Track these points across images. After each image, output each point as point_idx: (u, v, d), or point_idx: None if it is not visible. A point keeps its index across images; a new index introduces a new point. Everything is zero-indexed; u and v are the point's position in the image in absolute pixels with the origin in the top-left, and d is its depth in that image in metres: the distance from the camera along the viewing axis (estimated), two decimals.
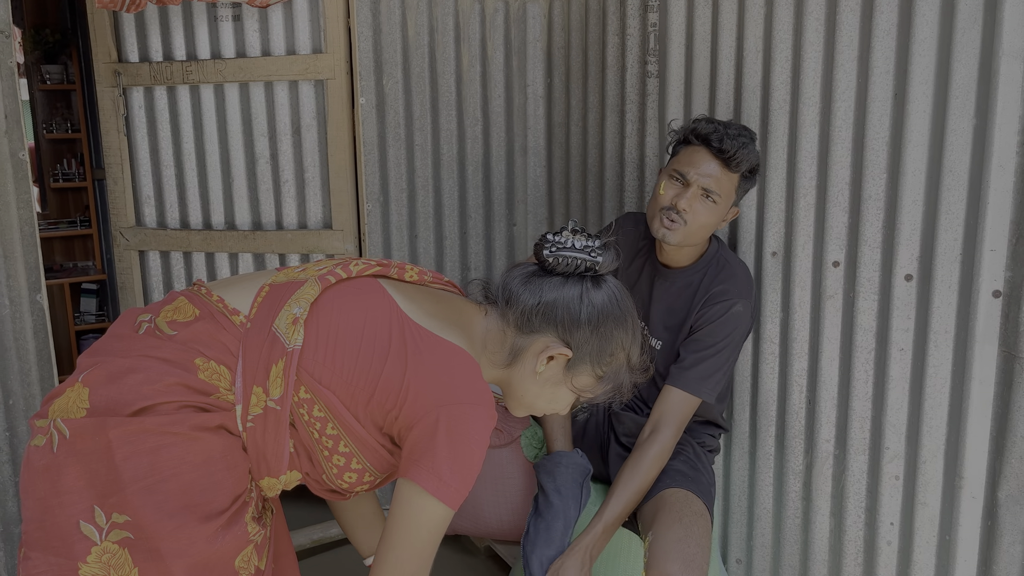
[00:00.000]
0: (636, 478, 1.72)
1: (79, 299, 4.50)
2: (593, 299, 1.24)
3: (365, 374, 1.17)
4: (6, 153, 1.90)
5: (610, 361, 1.28)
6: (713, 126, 1.74)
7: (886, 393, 1.71)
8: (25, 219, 1.94)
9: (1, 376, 1.95)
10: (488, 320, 1.29)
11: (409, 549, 1.16)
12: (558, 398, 1.31)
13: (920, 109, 1.59)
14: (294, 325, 1.16)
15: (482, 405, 1.17)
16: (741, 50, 1.92)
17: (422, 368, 1.16)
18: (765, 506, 2.01)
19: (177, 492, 1.09)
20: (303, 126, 2.42)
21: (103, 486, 1.08)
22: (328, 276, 1.24)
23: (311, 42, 2.38)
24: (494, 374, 1.29)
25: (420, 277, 1.36)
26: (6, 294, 1.94)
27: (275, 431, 1.17)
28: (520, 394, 1.30)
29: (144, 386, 1.11)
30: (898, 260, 1.66)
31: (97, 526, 1.07)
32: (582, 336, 1.24)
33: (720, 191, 1.73)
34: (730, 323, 1.78)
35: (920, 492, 1.68)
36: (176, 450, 1.10)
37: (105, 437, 1.08)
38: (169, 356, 1.14)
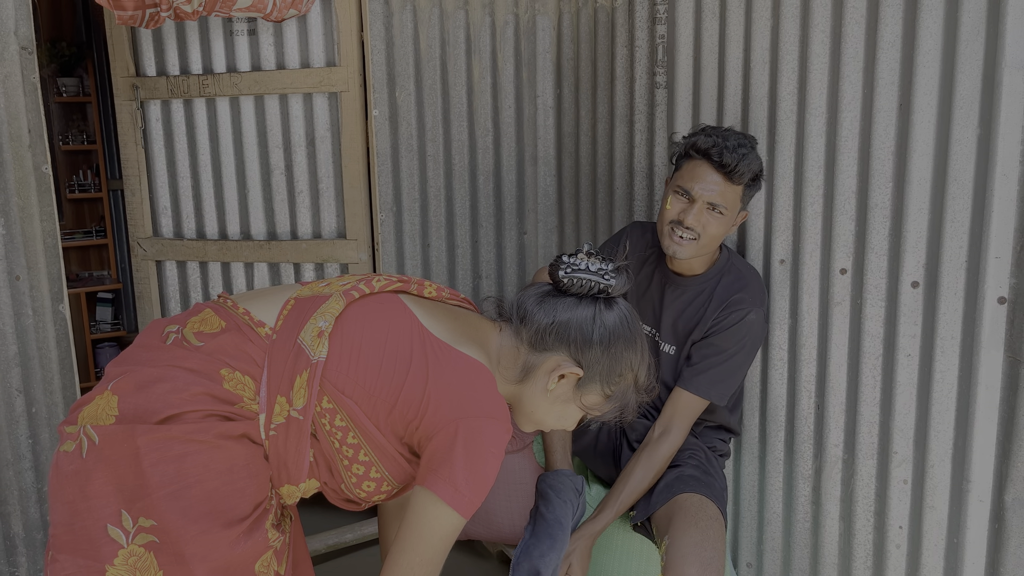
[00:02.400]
0: (648, 475, 1.79)
1: (95, 308, 4.55)
2: (605, 321, 1.28)
3: (387, 385, 1.21)
4: (30, 167, 1.95)
5: (619, 381, 1.32)
6: (712, 139, 1.75)
7: (894, 398, 1.74)
8: (48, 231, 1.99)
9: (25, 385, 2.00)
10: (503, 337, 1.33)
11: (420, 555, 1.19)
12: (566, 415, 1.35)
13: (925, 119, 1.62)
14: (319, 338, 1.20)
15: (499, 419, 1.21)
16: (748, 61, 1.95)
17: (443, 381, 1.20)
18: (775, 510, 2.04)
19: (201, 498, 1.13)
20: (317, 138, 2.46)
21: (130, 491, 1.11)
22: (352, 291, 1.28)
23: (325, 55, 2.42)
24: (506, 389, 1.33)
25: (438, 294, 1.41)
26: (29, 304, 1.98)
27: (297, 440, 1.21)
28: (530, 410, 1.34)
29: (171, 395, 1.15)
30: (904, 267, 1.68)
31: (124, 530, 1.11)
32: (593, 356, 1.28)
33: (726, 203, 1.76)
34: (743, 330, 1.81)
35: (928, 496, 1.70)
36: (201, 457, 1.13)
37: (133, 444, 1.11)
38: (195, 366, 1.18)
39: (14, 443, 2.00)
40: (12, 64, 1.91)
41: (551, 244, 2.73)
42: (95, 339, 4.46)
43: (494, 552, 2.55)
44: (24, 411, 2.00)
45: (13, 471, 2.00)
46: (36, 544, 2.05)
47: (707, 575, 1.55)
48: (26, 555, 2.04)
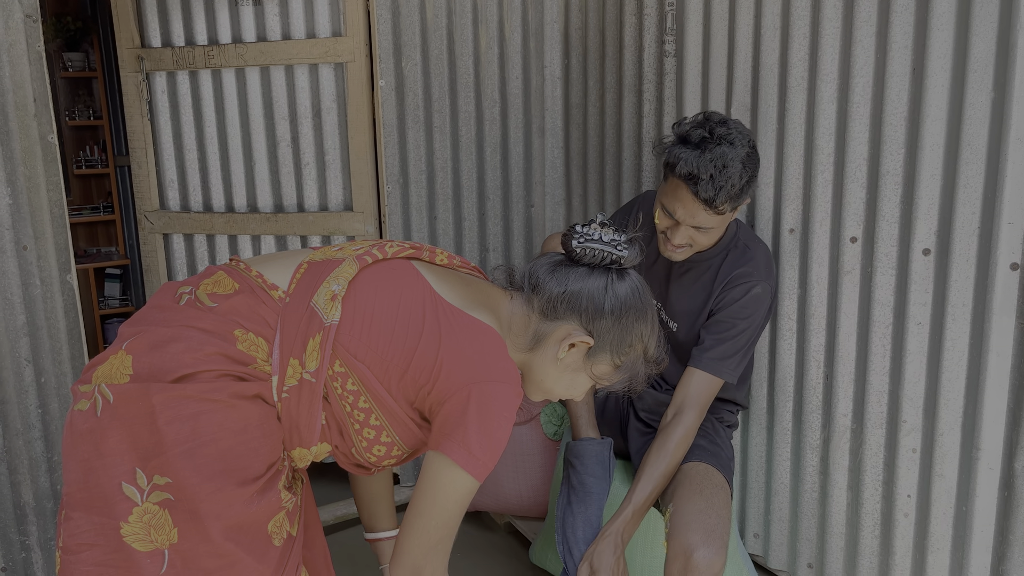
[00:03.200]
0: (663, 461, 1.74)
1: (103, 284, 4.56)
2: (617, 291, 1.29)
3: (400, 350, 1.21)
4: (35, 136, 1.94)
5: (628, 351, 1.32)
6: (690, 165, 1.62)
7: (903, 367, 1.73)
8: (55, 201, 1.99)
9: (33, 355, 2.00)
10: (514, 304, 1.33)
11: (436, 518, 1.20)
12: (576, 384, 1.35)
13: (938, 83, 1.60)
14: (332, 301, 1.21)
15: (510, 383, 1.21)
16: (759, 28, 1.93)
17: (455, 346, 1.21)
18: (783, 480, 2.04)
19: (216, 456, 1.13)
20: (323, 109, 2.45)
21: (145, 449, 1.12)
22: (365, 256, 1.28)
23: (331, 25, 2.40)
24: (516, 357, 1.32)
25: (449, 261, 1.41)
26: (37, 275, 1.98)
27: (309, 403, 1.21)
28: (539, 379, 1.34)
29: (185, 354, 1.15)
30: (916, 234, 1.67)
31: (139, 487, 1.11)
32: (604, 326, 1.29)
33: (711, 224, 1.70)
34: (750, 305, 1.79)
35: (937, 464, 1.70)
36: (216, 416, 1.14)
37: (148, 402, 1.12)
38: (209, 327, 1.18)
39: (24, 413, 2.01)
40: (17, 32, 1.90)
41: (558, 217, 2.71)
42: (104, 314, 4.48)
43: (501, 523, 2.56)
44: (33, 381, 2.01)
45: (23, 440, 2.01)
46: (46, 513, 2.06)
47: (711, 542, 1.55)
48: (36, 524, 2.06)
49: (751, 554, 2.16)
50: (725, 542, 1.57)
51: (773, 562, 2.11)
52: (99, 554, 1.12)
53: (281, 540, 1.23)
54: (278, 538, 1.22)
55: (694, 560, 1.53)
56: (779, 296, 1.96)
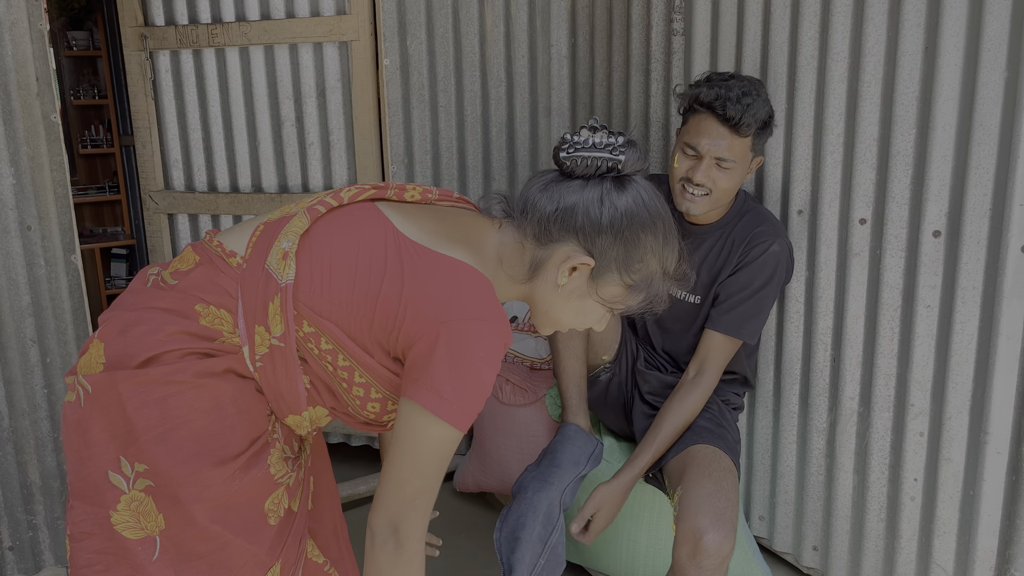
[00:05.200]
0: (683, 415, 1.78)
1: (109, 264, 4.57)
2: (615, 202, 1.14)
3: (363, 299, 1.13)
4: (38, 116, 1.93)
5: (639, 268, 1.18)
6: (715, 91, 1.70)
7: (912, 350, 1.71)
8: (58, 181, 1.98)
9: (39, 335, 2.00)
10: (503, 233, 1.20)
11: (409, 469, 1.11)
12: (586, 312, 1.21)
13: (951, 63, 1.57)
14: (284, 260, 1.13)
15: (488, 320, 1.10)
16: (768, 5, 1.90)
17: (420, 285, 1.11)
18: (788, 463, 2.03)
19: (189, 438, 1.11)
20: (328, 88, 2.43)
21: (123, 437, 1.10)
22: (318, 206, 1.19)
23: (335, 4, 2.38)
24: (516, 290, 1.22)
25: (424, 196, 1.28)
26: (41, 255, 1.98)
27: (284, 368, 1.15)
28: (544, 309, 1.22)
29: (146, 337, 1.12)
30: (926, 216, 1.65)
31: (124, 475, 1.10)
32: (605, 243, 1.15)
33: (734, 156, 1.71)
34: (769, 263, 1.77)
35: (945, 448, 1.69)
36: (184, 398, 1.11)
37: (116, 390, 1.10)
38: (169, 305, 1.14)
39: (29, 393, 2.01)
40: (19, 11, 1.88)
41: None
42: (110, 294, 4.49)
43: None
44: (39, 361, 2.01)
45: (29, 420, 2.02)
46: (53, 492, 2.07)
47: (720, 526, 1.54)
48: (43, 503, 2.07)
49: (756, 536, 2.16)
50: (734, 525, 1.57)
51: (778, 545, 2.11)
52: (97, 542, 1.12)
53: (278, 518, 1.20)
54: (275, 516, 1.19)
55: (703, 543, 1.52)
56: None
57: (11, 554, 2.05)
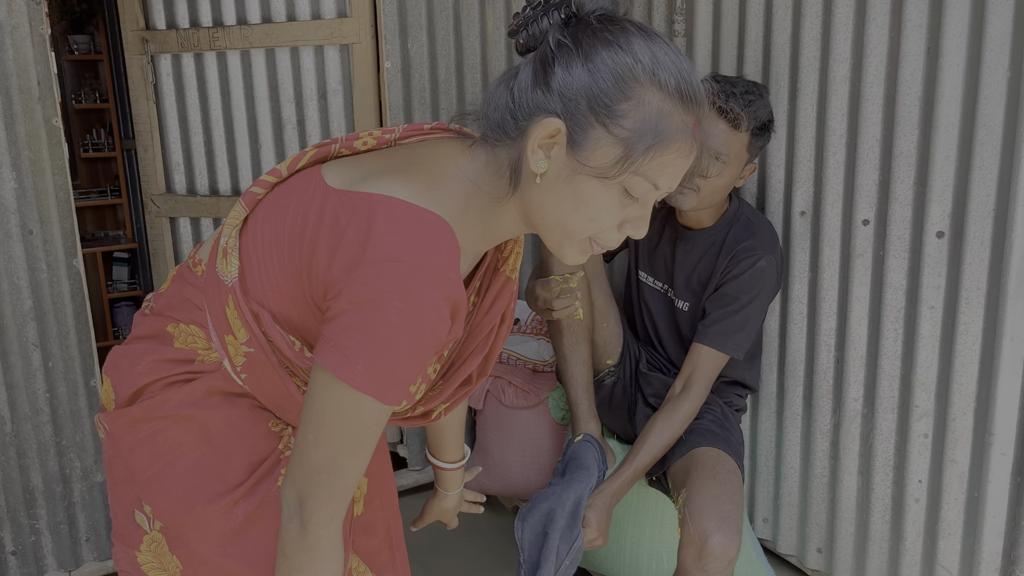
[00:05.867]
0: (667, 432, 1.75)
1: (111, 268, 4.57)
2: (567, 38, 0.89)
3: (294, 276, 0.96)
4: (40, 120, 1.93)
5: (628, 108, 0.87)
6: (718, 86, 1.72)
7: (916, 351, 1.71)
8: (60, 185, 1.98)
9: (41, 339, 2.00)
10: (473, 153, 0.97)
11: (313, 436, 0.93)
12: (590, 200, 0.91)
13: (954, 63, 1.56)
14: (225, 257, 1.01)
15: (406, 261, 0.87)
16: (770, 6, 1.89)
17: (337, 237, 0.92)
18: (792, 465, 2.02)
19: (184, 474, 1.04)
20: (329, 91, 2.43)
21: (130, 478, 1.07)
22: (255, 188, 1.03)
23: (336, 6, 2.38)
24: (509, 216, 0.98)
25: (381, 141, 1.06)
26: (43, 259, 1.98)
27: (267, 375, 1.02)
28: (541, 219, 0.95)
29: (128, 371, 1.07)
30: (930, 217, 1.64)
31: (146, 516, 1.06)
32: (567, 87, 0.87)
33: (729, 151, 1.71)
34: (755, 279, 1.76)
35: (949, 449, 1.68)
36: (171, 433, 1.04)
37: (115, 431, 1.07)
38: (146, 332, 1.08)
39: (32, 397, 2.01)
40: (20, 15, 1.88)
41: None
42: (112, 298, 4.49)
43: (509, 507, 2.56)
44: (41, 365, 2.01)
45: (31, 424, 2.01)
46: (55, 497, 2.07)
47: (725, 528, 1.54)
48: (46, 507, 2.06)
49: (760, 539, 2.15)
50: (739, 528, 1.56)
51: (782, 547, 2.10)
52: None
53: None
54: None
55: (709, 546, 1.52)
56: (789, 279, 1.94)
57: (14, 559, 2.05)
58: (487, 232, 0.99)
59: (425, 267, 0.87)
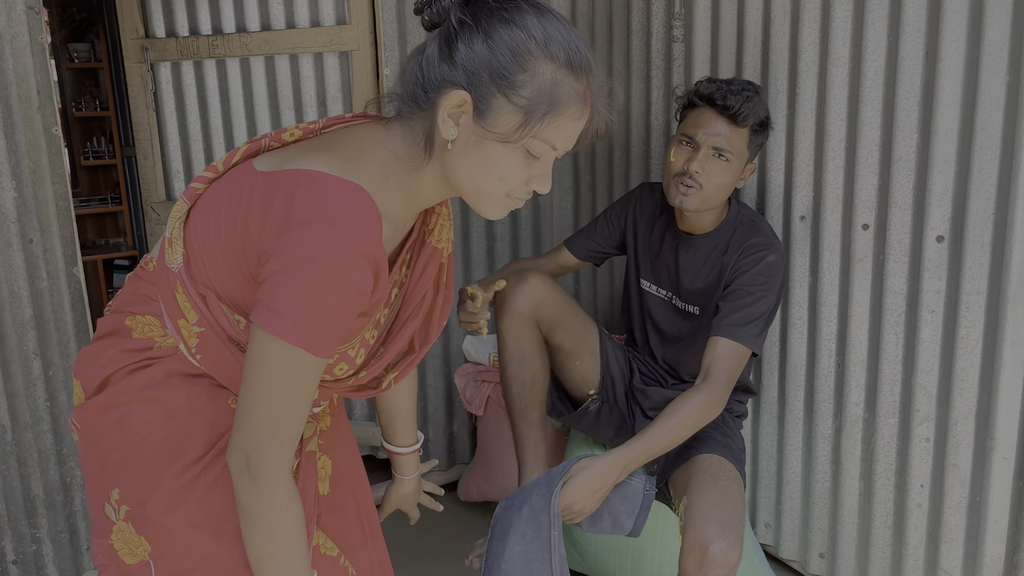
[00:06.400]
0: (682, 416, 1.64)
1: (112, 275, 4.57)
2: (466, 12, 0.97)
3: (232, 255, 1.04)
4: (39, 129, 1.93)
5: (524, 79, 0.96)
6: (716, 84, 1.73)
7: (917, 356, 1.71)
8: (60, 193, 1.98)
9: (41, 348, 2.00)
10: (390, 128, 1.05)
11: (253, 393, 1.00)
12: (499, 162, 1.00)
13: (952, 67, 1.57)
14: (171, 247, 1.09)
15: (327, 223, 0.95)
16: (768, 12, 1.90)
17: (264, 211, 0.99)
18: (794, 470, 2.02)
19: (150, 454, 1.09)
20: (329, 98, 2.43)
21: (101, 468, 1.12)
22: (194, 184, 1.11)
23: (335, 14, 2.38)
24: (428, 181, 1.06)
25: (305, 132, 1.13)
26: (43, 268, 1.98)
27: (220, 353, 1.09)
28: (456, 182, 1.03)
29: (92, 365, 1.13)
30: (929, 221, 1.64)
31: (113, 506, 1.11)
32: (470, 61, 0.96)
33: (731, 148, 1.72)
34: (765, 272, 1.75)
35: (951, 454, 1.68)
36: (137, 416, 1.10)
37: (83, 423, 1.12)
38: (107, 330, 1.15)
39: (32, 406, 2.01)
40: (19, 24, 1.88)
41: (566, 205, 2.69)
42: None
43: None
44: (41, 374, 2.01)
45: (32, 433, 2.01)
46: (56, 506, 2.07)
47: (727, 535, 1.53)
48: (47, 516, 2.06)
49: (762, 544, 2.15)
50: (741, 535, 1.55)
51: (784, 552, 2.10)
52: (112, 572, 1.13)
53: None
54: None
55: (710, 553, 1.51)
56: (790, 284, 1.94)
57: (15, 567, 2.05)
58: (409, 198, 1.07)
59: (345, 227, 0.95)
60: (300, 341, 0.96)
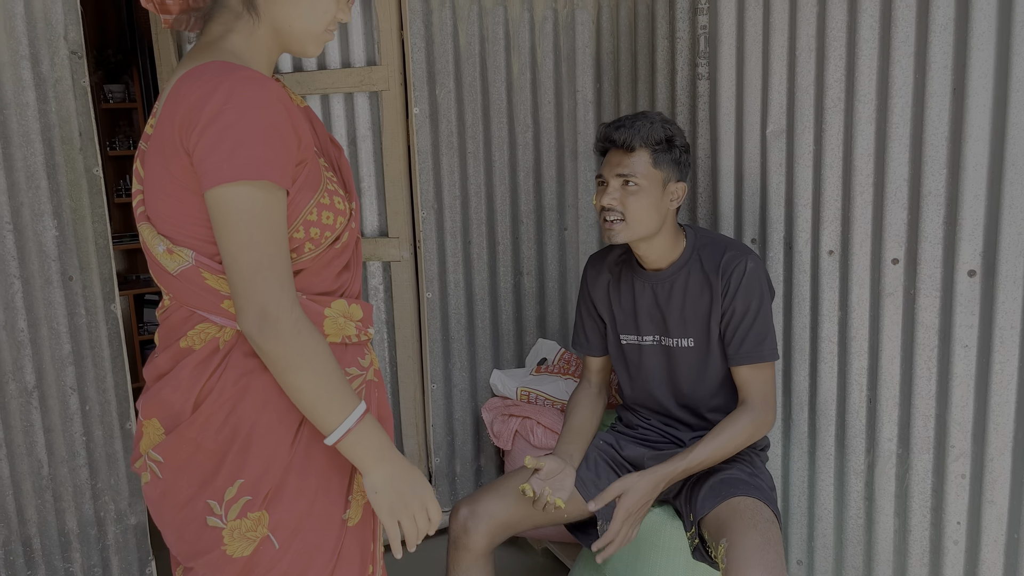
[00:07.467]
0: (726, 438, 1.77)
1: (142, 310, 4.64)
2: None
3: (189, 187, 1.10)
4: (81, 170, 1.99)
5: None
6: (604, 126, 1.84)
7: (950, 391, 1.69)
8: (100, 232, 2.03)
9: (79, 383, 2.04)
10: (209, 28, 1.18)
11: (235, 244, 1.05)
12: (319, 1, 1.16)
13: (980, 104, 1.58)
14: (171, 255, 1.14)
15: (222, 81, 1.03)
16: (793, 49, 1.92)
17: (175, 122, 1.06)
18: (826, 506, 2.00)
19: (265, 433, 1.15)
20: (359, 136, 2.48)
21: (209, 477, 1.15)
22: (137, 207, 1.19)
23: (366, 55, 2.44)
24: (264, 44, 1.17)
25: None
26: (82, 304, 2.02)
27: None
28: (289, 29, 1.17)
29: (174, 396, 1.15)
30: (960, 256, 1.64)
31: (217, 515, 1.15)
32: None
33: (634, 172, 1.78)
34: (751, 281, 1.79)
35: (987, 490, 1.66)
36: (242, 407, 1.14)
37: (190, 439, 1.15)
38: (164, 367, 1.19)
39: (68, 440, 2.04)
40: (63, 68, 1.95)
41: (592, 239, 2.71)
42: (143, 340, 4.55)
43: (539, 549, 2.54)
44: (78, 408, 2.04)
45: (68, 468, 2.04)
46: (90, 540, 2.09)
47: None
48: (80, 551, 2.08)
49: None
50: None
51: None
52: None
53: None
54: None
55: None
56: (819, 318, 1.94)
57: None
58: (263, 68, 1.17)
59: (232, 75, 1.04)
60: (249, 172, 1.02)
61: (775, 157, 2.01)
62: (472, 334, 2.61)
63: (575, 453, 1.89)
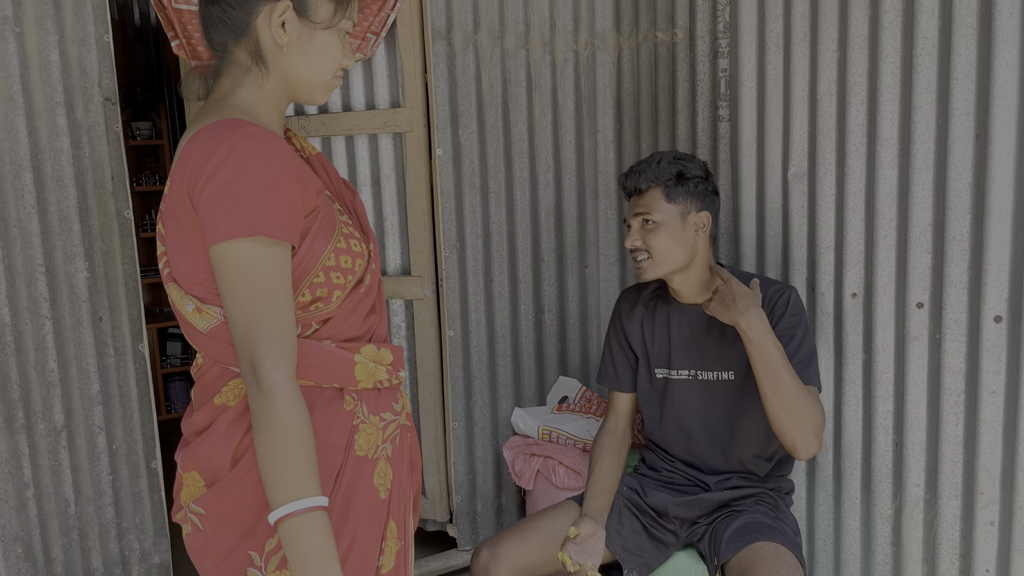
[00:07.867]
0: (804, 390, 1.68)
1: (166, 343, 4.68)
2: None
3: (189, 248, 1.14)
4: (112, 212, 2.03)
5: None
6: (622, 176, 1.92)
7: (978, 436, 1.68)
8: (129, 274, 2.06)
9: (106, 423, 2.06)
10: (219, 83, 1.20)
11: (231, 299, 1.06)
12: (328, 49, 1.18)
13: (1004, 150, 1.58)
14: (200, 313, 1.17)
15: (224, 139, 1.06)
16: (814, 93, 1.93)
17: (180, 188, 1.10)
18: (852, 551, 1.98)
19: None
20: (382, 177, 2.51)
21: (250, 529, 1.16)
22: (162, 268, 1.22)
23: (390, 97, 2.48)
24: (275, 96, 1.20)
25: None
26: (111, 344, 2.05)
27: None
28: (298, 80, 1.19)
29: (212, 453, 1.17)
30: (986, 301, 1.64)
31: (257, 567, 1.17)
32: None
33: (651, 211, 1.83)
34: (795, 309, 1.80)
35: (1017, 538, 1.64)
36: None
37: (232, 494, 1.17)
38: (201, 424, 1.21)
39: (95, 479, 2.06)
40: (96, 115, 2.00)
41: (612, 278, 2.72)
42: (166, 373, 4.59)
43: None
44: (105, 448, 2.06)
45: (94, 507, 2.06)
46: None
47: None
48: None
49: None
50: None
51: None
52: None
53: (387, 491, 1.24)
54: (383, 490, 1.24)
55: None
56: (843, 360, 1.93)
57: None
58: (273, 119, 1.20)
59: (235, 133, 1.06)
60: (244, 229, 1.03)
61: (797, 199, 2.01)
62: (494, 372, 2.62)
63: (604, 508, 1.89)
